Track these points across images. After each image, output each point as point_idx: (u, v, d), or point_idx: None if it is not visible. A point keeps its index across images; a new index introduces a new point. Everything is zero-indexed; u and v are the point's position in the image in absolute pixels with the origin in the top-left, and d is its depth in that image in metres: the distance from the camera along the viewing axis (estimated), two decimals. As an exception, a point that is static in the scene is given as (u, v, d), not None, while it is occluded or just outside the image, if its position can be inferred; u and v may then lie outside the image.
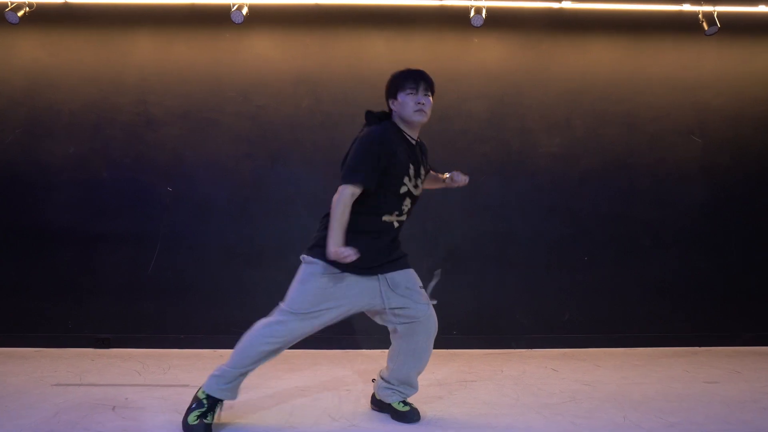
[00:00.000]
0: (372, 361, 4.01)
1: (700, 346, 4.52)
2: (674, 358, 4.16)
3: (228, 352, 4.04)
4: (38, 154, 4.50)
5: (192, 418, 2.56)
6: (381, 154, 2.56)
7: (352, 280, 2.63)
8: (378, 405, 2.91)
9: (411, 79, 2.70)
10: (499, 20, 4.51)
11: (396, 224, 2.71)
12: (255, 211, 4.48)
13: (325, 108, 4.54)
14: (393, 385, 2.82)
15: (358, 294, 2.66)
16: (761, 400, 3.11)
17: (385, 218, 2.67)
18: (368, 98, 3.02)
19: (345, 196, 2.53)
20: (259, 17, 4.46)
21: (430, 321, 2.74)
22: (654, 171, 4.60)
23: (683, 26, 4.58)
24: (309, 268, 2.65)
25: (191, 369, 3.75)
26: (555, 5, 4.50)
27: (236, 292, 4.43)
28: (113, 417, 2.74)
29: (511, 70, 4.62)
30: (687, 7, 4.44)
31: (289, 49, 4.60)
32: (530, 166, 4.56)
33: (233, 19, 4.27)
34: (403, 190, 2.67)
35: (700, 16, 4.40)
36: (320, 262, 2.60)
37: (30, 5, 4.31)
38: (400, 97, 2.69)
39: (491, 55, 4.64)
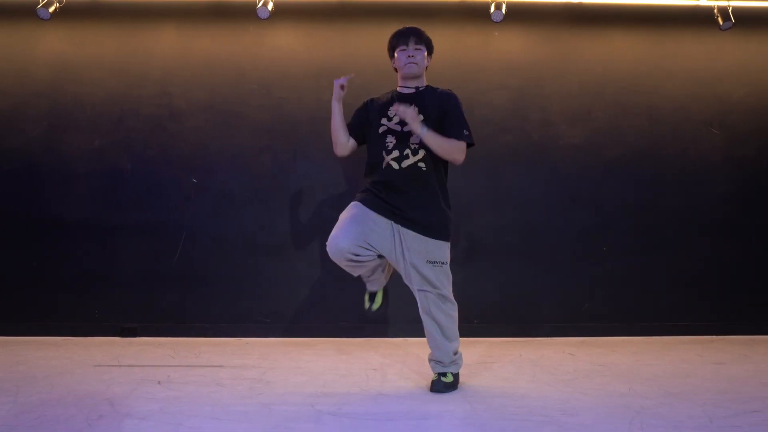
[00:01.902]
0: (395, 347, 4.25)
1: (719, 335, 4.74)
2: (690, 344, 4.41)
3: (254, 339, 4.56)
4: (62, 147, 4.71)
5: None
6: (357, 111, 3.23)
7: (375, 218, 3.00)
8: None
9: (401, 36, 3.09)
10: (519, 13, 4.72)
11: (396, 166, 2.99)
12: (276, 202, 4.70)
13: (346, 101, 4.58)
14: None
15: (382, 235, 3.00)
16: (762, 377, 3.39)
17: (381, 161, 3.02)
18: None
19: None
20: (282, 11, 4.66)
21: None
22: (677, 162, 4.81)
23: (702, 19, 4.79)
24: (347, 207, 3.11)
25: (221, 354, 4.00)
26: (575, -1, 4.71)
27: (258, 282, 4.67)
28: (161, 389, 3.03)
29: (532, 63, 4.83)
30: (704, 2, 4.66)
31: (311, 42, 4.81)
32: (552, 157, 4.76)
33: (259, 15, 4.48)
34: (381, 129, 3.04)
35: (715, 11, 4.62)
36: (352, 202, 3.07)
37: (60, 1, 4.55)
38: (396, 54, 3.11)
39: (512, 47, 4.86)
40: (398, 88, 3.16)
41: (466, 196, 4.68)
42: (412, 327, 4.15)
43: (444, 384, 3.05)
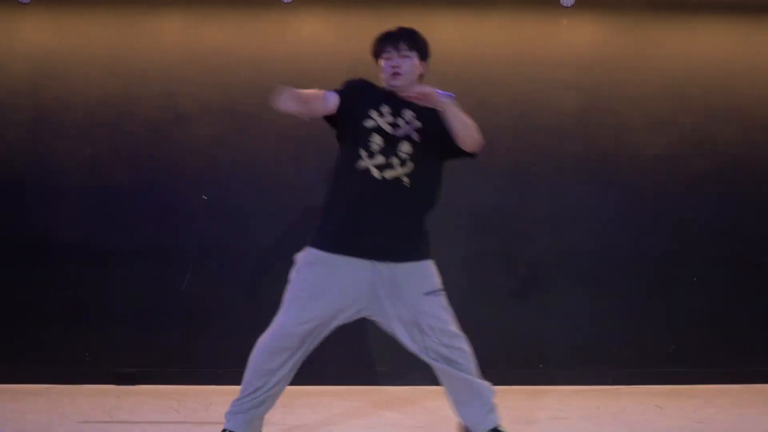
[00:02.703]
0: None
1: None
2: None
3: None
4: (46, 156, 4.44)
5: None
6: (353, 86, 2.89)
7: (339, 263, 2.69)
8: None
9: (386, 40, 2.84)
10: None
11: (377, 175, 2.69)
12: (302, 222, 4.34)
13: None
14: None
15: (344, 283, 2.69)
16: None
17: (360, 164, 2.69)
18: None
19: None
20: None
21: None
22: None
23: None
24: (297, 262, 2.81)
25: None
26: (659, -19, 4.44)
27: None
28: None
29: (605, 57, 4.55)
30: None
31: (342, 31, 4.52)
32: (629, 170, 4.50)
33: None
34: (370, 124, 2.74)
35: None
36: (306, 250, 2.77)
37: None
38: (381, 62, 2.86)
39: (582, 39, 4.59)
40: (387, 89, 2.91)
41: (525, 217, 4.46)
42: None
43: None
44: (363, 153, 2.72)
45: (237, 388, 4.04)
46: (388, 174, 2.70)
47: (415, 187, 2.73)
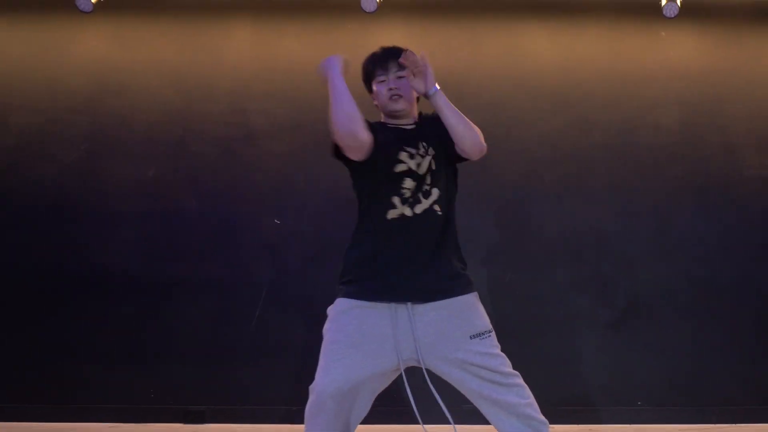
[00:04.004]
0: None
1: None
2: None
3: (362, 427, 4.07)
4: (105, 177, 4.48)
5: None
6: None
7: (375, 310, 2.54)
8: None
9: (377, 64, 2.74)
10: (692, 8, 4.47)
11: (409, 213, 2.56)
12: None
13: (472, 117, 4.24)
14: None
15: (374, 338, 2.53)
16: None
17: (392, 213, 2.54)
18: (525, 104, 2.98)
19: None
20: (388, 4, 4.37)
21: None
22: None
23: None
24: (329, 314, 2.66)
25: None
26: (766, -11, 4.38)
27: None
28: None
29: (708, 71, 4.56)
30: None
31: (427, 43, 4.50)
32: (736, 193, 4.44)
33: (364, 8, 4.25)
34: (400, 168, 2.58)
35: None
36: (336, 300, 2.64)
37: None
38: (375, 87, 2.76)
39: (683, 52, 4.58)
40: (384, 121, 2.77)
41: (625, 244, 4.38)
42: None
43: None
44: (396, 200, 2.58)
45: None
46: (419, 208, 2.57)
47: (445, 213, 2.62)
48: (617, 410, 4.19)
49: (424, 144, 2.66)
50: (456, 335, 2.49)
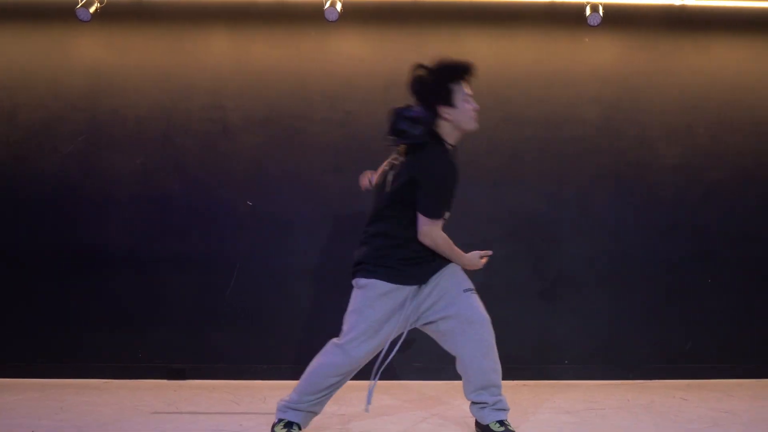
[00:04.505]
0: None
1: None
2: None
3: None
4: (100, 166, 4.63)
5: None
6: (454, 187, 2.81)
7: (403, 291, 2.88)
8: (480, 428, 3.04)
9: (467, 73, 2.76)
10: (613, 18, 4.59)
11: None
12: (343, 229, 4.56)
13: None
14: (481, 402, 2.96)
15: (396, 317, 2.89)
16: None
17: None
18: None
19: (437, 233, 2.83)
20: (348, 13, 4.54)
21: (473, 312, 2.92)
22: None
23: None
24: (366, 292, 2.91)
25: None
26: (676, 2, 4.58)
27: (324, 317, 4.48)
28: None
29: (626, 73, 4.73)
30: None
31: (381, 48, 4.70)
32: (649, 179, 4.66)
33: (327, 17, 4.35)
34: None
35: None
36: (378, 282, 2.87)
37: (101, 1, 4.39)
38: (459, 103, 2.75)
39: (604, 56, 4.76)
40: (450, 141, 2.91)
41: (552, 224, 4.63)
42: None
43: None
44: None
45: (283, 382, 4.35)
46: None
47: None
48: (547, 368, 4.48)
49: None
50: (454, 285, 2.92)
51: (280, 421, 2.91)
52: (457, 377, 3.06)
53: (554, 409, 3.67)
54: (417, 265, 2.88)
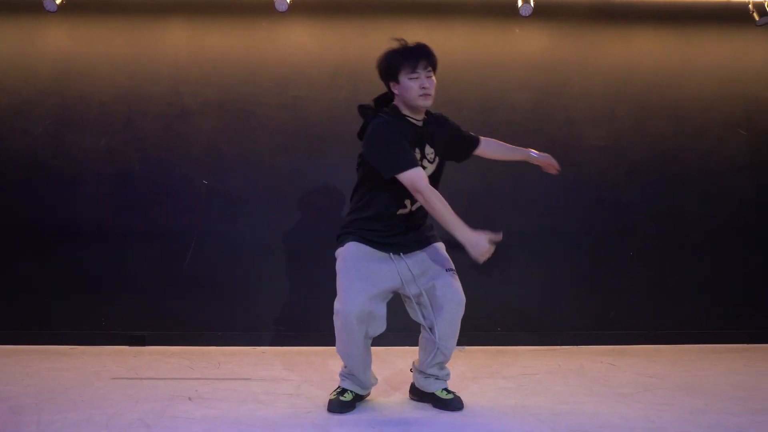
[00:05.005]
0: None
1: (751, 344, 4.89)
2: (728, 353, 4.54)
3: (270, 349, 4.62)
4: (68, 147, 4.80)
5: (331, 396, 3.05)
6: (399, 139, 2.81)
7: (375, 255, 2.96)
8: (418, 395, 3.19)
9: (412, 58, 2.80)
10: (541, 10, 4.77)
11: (414, 212, 3.00)
12: (292, 205, 4.81)
13: (363, 99, 4.49)
14: (429, 373, 3.09)
15: (380, 268, 2.94)
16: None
17: (402, 211, 2.97)
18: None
19: (421, 185, 2.77)
20: (296, 5, 4.72)
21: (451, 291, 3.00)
22: (702, 164, 4.97)
23: (730, 16, 4.94)
24: (341, 254, 3.00)
25: (242, 364, 4.09)
26: (600, -5, 4.84)
27: (273, 288, 4.78)
28: (195, 407, 3.05)
29: (554, 61, 4.98)
30: (736, -4, 4.79)
31: (326, 38, 4.93)
32: (575, 159, 4.88)
33: (277, 8, 4.52)
34: None
35: (750, 6, 4.75)
36: (347, 244, 2.97)
37: None
38: (402, 80, 2.81)
39: (534, 45, 5.00)
40: (409, 120, 2.95)
41: (487, 200, 4.83)
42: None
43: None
44: (407, 202, 2.96)
45: (237, 348, 4.59)
46: (416, 206, 2.99)
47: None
48: (480, 335, 4.64)
49: (433, 150, 2.96)
50: (436, 264, 2.97)
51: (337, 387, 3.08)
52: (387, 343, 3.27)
53: (491, 374, 3.84)
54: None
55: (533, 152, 3.28)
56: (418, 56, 2.81)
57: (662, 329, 4.87)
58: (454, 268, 3.07)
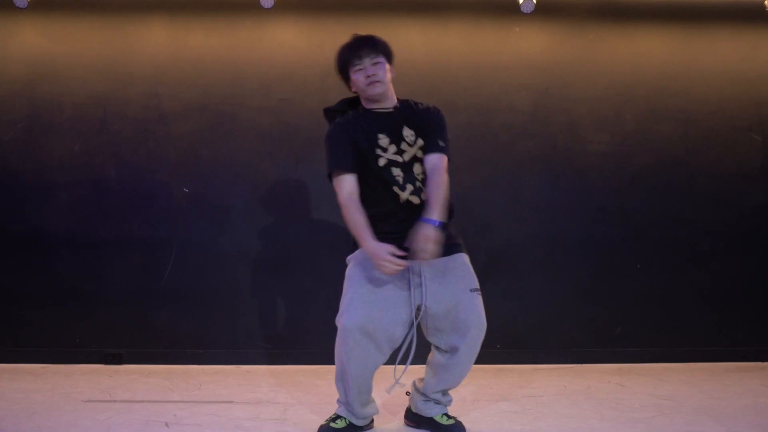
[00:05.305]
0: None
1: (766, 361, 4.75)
2: (743, 372, 4.38)
3: (256, 368, 4.49)
4: (39, 152, 4.63)
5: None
6: (340, 140, 2.81)
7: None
8: (415, 420, 3.04)
9: (352, 53, 2.83)
10: (542, 8, 4.66)
11: (414, 200, 2.83)
12: (278, 214, 4.66)
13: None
14: (431, 397, 2.94)
15: (392, 285, 2.78)
16: None
17: (398, 200, 2.82)
18: (401, 91, 3.11)
19: (340, 195, 2.80)
20: (282, 1, 4.59)
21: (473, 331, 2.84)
22: (712, 170, 4.81)
23: (742, 14, 4.81)
24: (351, 260, 2.90)
25: (225, 385, 3.94)
26: (605, -9, 4.70)
27: (259, 302, 4.62)
28: None
29: (555, 61, 4.82)
30: (749, -5, 4.67)
31: (315, 38, 4.76)
32: (578, 164, 4.76)
33: (263, 4, 4.41)
34: (382, 162, 2.81)
35: (766, 2, 4.60)
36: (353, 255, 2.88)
37: None
38: (352, 75, 2.84)
39: (534, 44, 4.85)
40: (366, 106, 2.92)
41: (484, 208, 4.70)
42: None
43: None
44: (394, 188, 2.81)
45: (220, 367, 4.44)
46: (424, 195, 2.84)
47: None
48: (479, 353, 4.39)
49: (413, 132, 2.85)
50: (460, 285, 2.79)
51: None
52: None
53: (492, 396, 3.70)
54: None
55: (428, 226, 2.66)
56: (359, 47, 2.82)
57: (671, 346, 4.72)
58: (478, 287, 2.90)
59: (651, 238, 4.75)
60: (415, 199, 2.83)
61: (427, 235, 2.58)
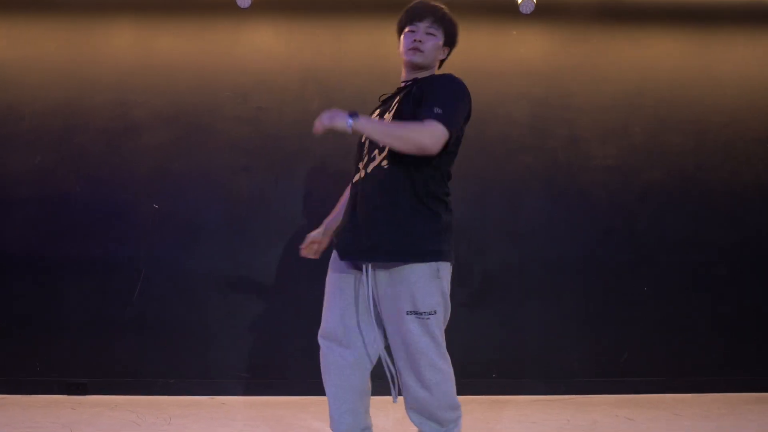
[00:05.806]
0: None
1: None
2: (763, 405, 4.26)
3: (229, 399, 4.30)
4: None
5: None
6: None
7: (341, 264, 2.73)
8: None
9: (414, 13, 2.69)
10: (541, 9, 4.52)
11: (362, 173, 2.65)
12: (255, 233, 4.49)
13: (338, 107, 4.50)
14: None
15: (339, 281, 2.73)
16: None
17: (356, 177, 2.70)
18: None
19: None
20: (260, 4, 4.47)
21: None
22: (728, 186, 4.68)
23: (761, 16, 4.71)
24: None
25: (197, 418, 3.81)
26: (610, -9, 4.57)
27: (233, 329, 4.44)
28: None
29: (556, 68, 4.69)
30: (768, -5, 4.55)
31: (295, 41, 4.63)
32: (581, 181, 4.61)
33: (239, 4, 4.32)
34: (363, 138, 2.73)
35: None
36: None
37: None
38: (402, 36, 2.72)
39: (533, 49, 4.70)
40: (402, 76, 2.78)
41: (478, 228, 4.55)
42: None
43: None
44: (358, 164, 2.69)
45: (192, 398, 4.25)
46: (370, 167, 2.60)
47: (399, 169, 2.53)
48: (473, 382, 4.33)
49: (397, 105, 2.62)
50: (392, 301, 2.50)
51: None
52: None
53: (488, 429, 3.61)
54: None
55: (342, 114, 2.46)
56: (423, 10, 2.67)
57: (683, 376, 4.55)
58: (425, 310, 2.55)
59: (661, 260, 4.61)
60: (362, 172, 2.68)
61: (325, 121, 2.42)
